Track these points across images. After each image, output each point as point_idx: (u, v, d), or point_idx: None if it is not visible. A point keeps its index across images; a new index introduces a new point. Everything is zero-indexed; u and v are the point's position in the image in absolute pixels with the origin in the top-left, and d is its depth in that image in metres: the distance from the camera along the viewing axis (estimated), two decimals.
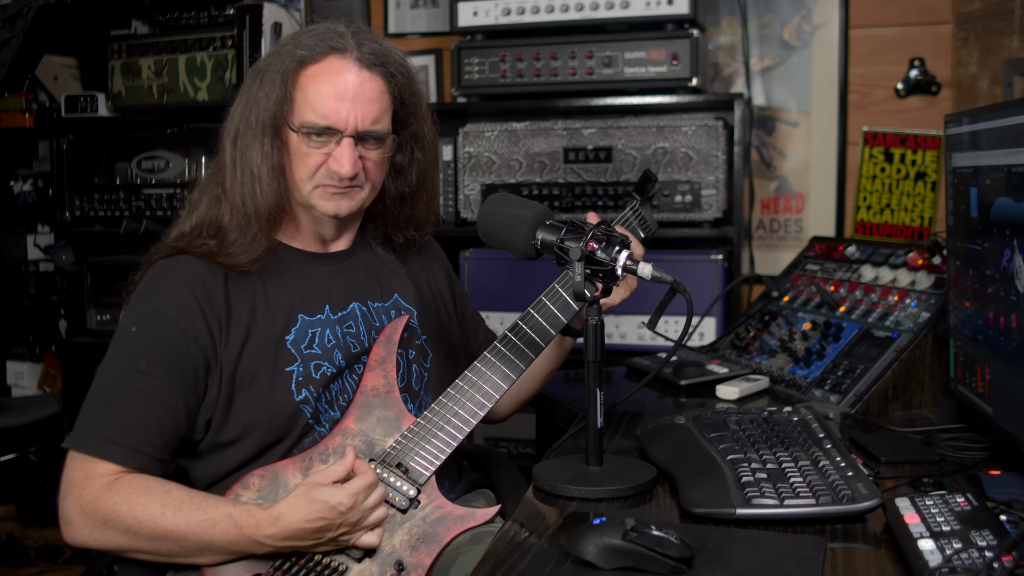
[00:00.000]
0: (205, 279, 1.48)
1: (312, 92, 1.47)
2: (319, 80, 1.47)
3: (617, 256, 1.37)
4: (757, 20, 2.89)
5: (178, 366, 1.43)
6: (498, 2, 2.69)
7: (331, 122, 1.47)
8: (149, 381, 1.42)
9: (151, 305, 1.46)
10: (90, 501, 1.37)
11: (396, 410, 1.52)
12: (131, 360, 1.43)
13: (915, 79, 2.77)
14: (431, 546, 1.43)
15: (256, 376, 1.48)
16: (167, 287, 1.47)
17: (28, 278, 3.60)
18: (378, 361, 1.55)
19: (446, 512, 1.46)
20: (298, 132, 1.48)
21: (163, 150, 3.07)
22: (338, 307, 1.58)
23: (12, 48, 3.12)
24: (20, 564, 3.23)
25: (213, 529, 1.35)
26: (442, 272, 1.81)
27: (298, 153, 1.49)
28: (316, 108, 1.47)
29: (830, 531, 1.22)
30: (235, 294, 1.49)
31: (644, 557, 1.08)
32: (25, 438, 3.44)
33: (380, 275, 1.66)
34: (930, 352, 1.82)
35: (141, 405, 1.41)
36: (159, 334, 1.44)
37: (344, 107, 1.47)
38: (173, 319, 1.44)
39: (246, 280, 1.51)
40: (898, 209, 2.80)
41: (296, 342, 1.51)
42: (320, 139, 1.48)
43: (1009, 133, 1.38)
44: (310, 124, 1.47)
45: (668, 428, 1.56)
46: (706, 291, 2.54)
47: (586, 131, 2.65)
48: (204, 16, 3.03)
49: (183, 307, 1.45)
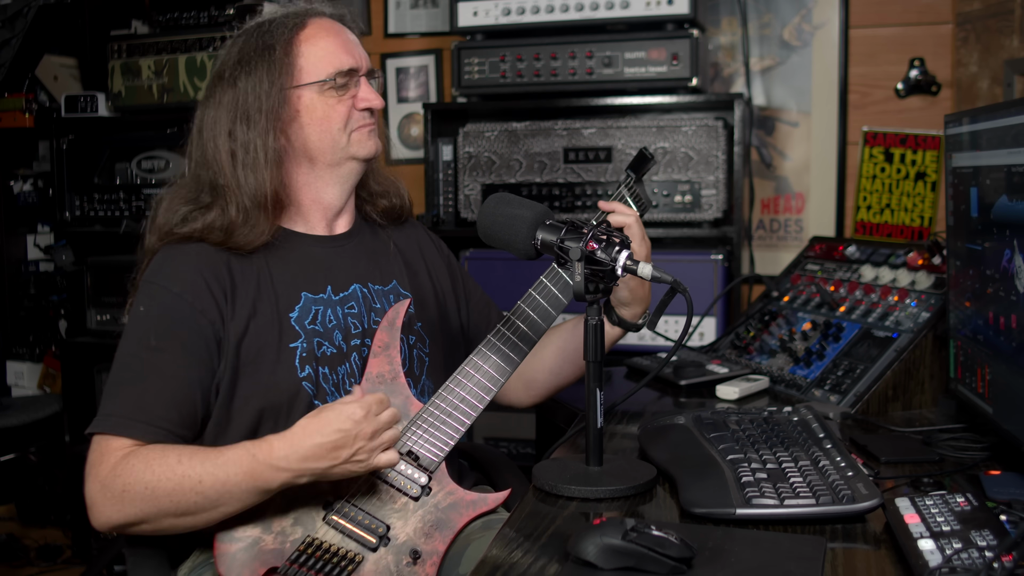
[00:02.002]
0: (210, 256, 1.49)
1: (319, 48, 1.54)
2: (319, 38, 1.55)
3: (617, 256, 1.37)
4: (757, 20, 2.89)
5: (188, 340, 1.43)
6: (498, 2, 2.69)
7: (352, 64, 1.55)
8: (160, 356, 1.42)
9: (157, 283, 1.47)
10: (107, 473, 1.35)
11: (403, 396, 1.53)
12: (142, 338, 1.44)
13: (915, 79, 2.77)
14: (445, 532, 1.45)
15: (261, 351, 1.48)
16: (172, 266, 1.48)
17: (28, 278, 3.60)
18: (382, 347, 1.55)
19: (458, 498, 1.47)
20: (321, 88, 1.53)
21: (163, 150, 3.08)
22: (340, 288, 1.59)
23: (12, 48, 3.12)
24: (20, 564, 3.24)
25: (228, 465, 1.33)
26: (441, 261, 1.81)
27: (322, 110, 1.54)
28: (332, 59, 1.54)
29: (830, 531, 1.22)
30: (240, 271, 1.51)
31: (644, 557, 1.08)
32: (25, 438, 3.44)
33: (380, 259, 1.68)
34: (930, 352, 1.82)
35: (153, 380, 1.41)
36: (167, 309, 1.45)
37: (353, 49, 1.57)
38: (179, 294, 1.45)
39: (250, 260, 1.52)
40: (898, 209, 2.80)
41: (300, 319, 1.52)
42: (344, 87, 1.55)
43: (1009, 133, 1.38)
44: (337, 71, 1.54)
45: (668, 428, 1.56)
46: (706, 291, 2.54)
47: (586, 131, 2.65)
48: (204, 16, 3.03)
49: (189, 282, 1.46)
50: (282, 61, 1.52)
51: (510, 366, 1.55)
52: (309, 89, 1.54)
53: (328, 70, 1.53)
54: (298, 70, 1.53)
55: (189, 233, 1.51)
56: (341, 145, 1.56)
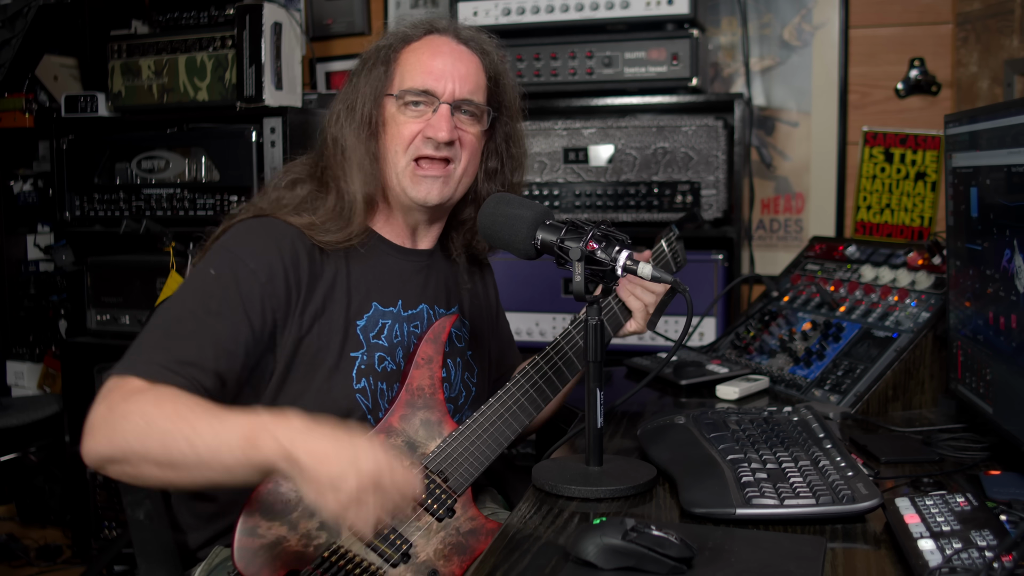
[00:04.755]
0: (294, 242, 1.47)
1: (412, 62, 1.54)
2: (419, 52, 1.54)
3: (617, 256, 1.37)
4: (757, 20, 2.89)
5: (248, 318, 1.39)
6: (498, 2, 2.69)
7: (429, 86, 1.52)
8: (217, 322, 1.37)
9: (235, 253, 1.43)
10: (118, 399, 1.25)
11: (440, 413, 1.52)
12: (204, 299, 1.39)
13: (915, 79, 2.77)
14: (463, 557, 1.44)
15: (319, 353, 1.46)
16: (255, 240, 1.46)
17: (28, 278, 3.60)
18: (425, 360, 1.54)
19: (478, 524, 1.47)
20: (397, 100, 1.52)
21: (163, 150, 3.07)
22: (409, 304, 1.58)
23: (12, 48, 3.12)
24: (20, 564, 3.23)
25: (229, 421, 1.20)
26: (494, 291, 1.84)
27: (394, 123, 1.53)
28: (416, 75, 1.52)
29: (830, 531, 1.22)
30: (320, 265, 1.49)
31: (644, 557, 1.08)
32: (25, 438, 3.44)
33: (449, 284, 1.68)
34: (930, 352, 1.82)
35: (201, 342, 1.34)
36: (237, 281, 1.40)
37: (444, 73, 1.52)
38: (254, 270, 1.41)
39: (332, 256, 1.51)
40: (898, 209, 2.80)
41: (366, 329, 1.51)
42: (418, 107, 1.52)
43: (1009, 133, 1.38)
44: (409, 89, 1.52)
45: (668, 428, 1.56)
46: (706, 291, 2.54)
47: (586, 131, 2.65)
48: (204, 16, 3.03)
49: (267, 262, 1.43)
50: (387, 64, 1.53)
51: (543, 400, 1.58)
52: (391, 100, 1.53)
53: (408, 84, 1.52)
54: (392, 76, 1.54)
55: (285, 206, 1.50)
56: (398, 169, 1.53)
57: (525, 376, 1.58)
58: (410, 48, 1.54)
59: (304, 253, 1.47)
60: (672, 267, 1.82)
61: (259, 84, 2.80)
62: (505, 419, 1.53)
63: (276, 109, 2.80)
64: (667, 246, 1.81)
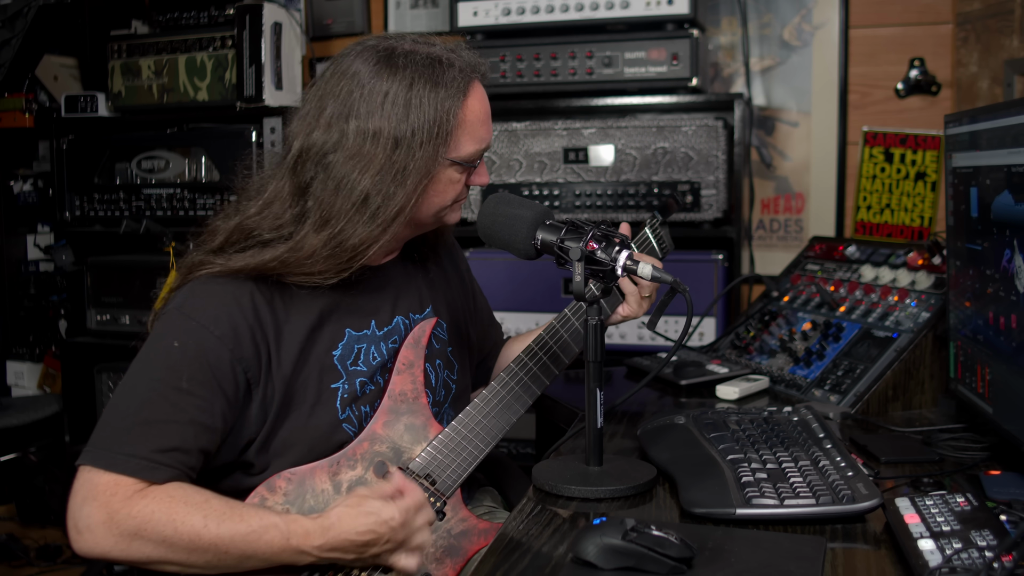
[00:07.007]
0: (252, 296, 1.39)
1: (471, 123, 1.44)
2: (475, 110, 1.44)
3: (617, 256, 1.37)
4: (757, 20, 2.89)
5: (221, 387, 1.34)
6: (498, 2, 2.69)
7: (488, 143, 1.48)
8: (190, 400, 1.32)
9: (196, 321, 1.36)
10: (119, 509, 1.26)
11: (424, 417, 1.50)
12: (172, 377, 1.33)
13: (915, 79, 2.77)
14: (455, 559, 1.44)
15: (301, 391, 1.42)
16: (215, 303, 1.38)
17: (28, 278, 3.60)
18: (406, 365, 1.51)
19: (470, 526, 1.47)
20: (461, 164, 1.44)
21: (163, 150, 3.07)
22: (383, 322, 1.52)
23: (12, 48, 3.12)
24: (20, 564, 3.23)
25: (259, 541, 1.27)
26: (464, 266, 1.79)
27: (448, 182, 1.45)
28: (476, 139, 1.45)
29: (830, 531, 1.22)
30: (284, 312, 1.42)
31: (644, 557, 1.08)
32: (25, 438, 3.44)
33: (419, 285, 1.62)
34: (930, 352, 1.82)
35: (181, 425, 1.31)
36: (204, 352, 1.34)
37: (490, 123, 1.48)
38: (220, 338, 1.35)
39: (296, 295, 1.43)
40: (898, 209, 2.79)
41: (343, 358, 1.46)
42: (475, 163, 1.47)
43: (1009, 133, 1.38)
44: (474, 153, 1.45)
45: (668, 428, 1.56)
46: (706, 291, 2.54)
47: (586, 131, 2.65)
48: (204, 16, 3.04)
49: (231, 326, 1.36)
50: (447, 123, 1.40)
51: (530, 397, 1.56)
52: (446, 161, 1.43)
53: (469, 148, 1.44)
54: (452, 138, 1.42)
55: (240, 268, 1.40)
56: (441, 215, 1.50)
57: (510, 373, 1.56)
58: (468, 106, 1.42)
59: (264, 305, 1.39)
60: (658, 253, 1.81)
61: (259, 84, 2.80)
62: (491, 418, 1.52)
63: (276, 109, 2.80)
64: (651, 232, 1.80)
